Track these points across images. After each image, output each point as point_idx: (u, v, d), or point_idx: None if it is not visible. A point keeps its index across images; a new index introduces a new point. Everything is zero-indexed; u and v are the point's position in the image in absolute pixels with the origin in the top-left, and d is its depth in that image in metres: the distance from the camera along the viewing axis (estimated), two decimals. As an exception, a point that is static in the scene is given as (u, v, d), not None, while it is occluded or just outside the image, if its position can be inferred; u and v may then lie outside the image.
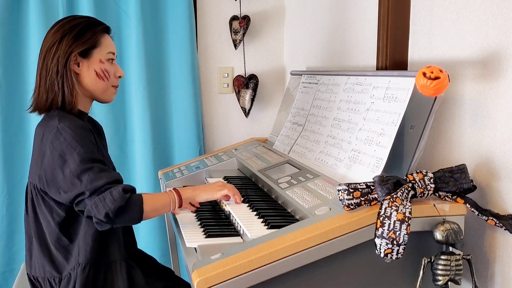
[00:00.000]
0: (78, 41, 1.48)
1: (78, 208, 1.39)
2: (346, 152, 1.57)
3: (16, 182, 2.43)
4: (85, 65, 1.50)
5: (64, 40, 1.47)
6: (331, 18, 2.15)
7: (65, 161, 1.37)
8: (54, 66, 1.46)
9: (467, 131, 1.36)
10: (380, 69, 1.61)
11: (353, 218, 1.22)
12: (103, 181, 1.36)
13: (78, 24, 1.50)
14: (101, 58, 1.52)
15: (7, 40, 2.37)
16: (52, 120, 1.43)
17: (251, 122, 2.71)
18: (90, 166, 1.37)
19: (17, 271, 1.98)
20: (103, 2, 2.44)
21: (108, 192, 1.34)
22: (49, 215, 1.44)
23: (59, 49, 1.47)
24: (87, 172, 1.36)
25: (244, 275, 1.14)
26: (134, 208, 1.37)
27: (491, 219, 1.22)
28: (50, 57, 1.47)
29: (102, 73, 1.52)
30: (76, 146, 1.38)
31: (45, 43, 1.50)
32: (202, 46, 2.64)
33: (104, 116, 2.48)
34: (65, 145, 1.38)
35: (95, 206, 1.34)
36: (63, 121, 1.41)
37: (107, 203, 1.33)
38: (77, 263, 1.43)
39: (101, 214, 1.33)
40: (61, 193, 1.38)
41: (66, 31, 1.48)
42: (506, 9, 1.22)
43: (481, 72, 1.31)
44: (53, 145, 1.39)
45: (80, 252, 1.43)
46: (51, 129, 1.41)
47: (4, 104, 2.39)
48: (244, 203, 1.63)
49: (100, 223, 1.36)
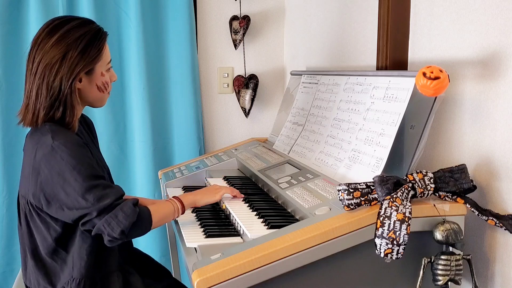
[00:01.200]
0: (84, 59, 1.39)
1: (84, 228, 1.36)
2: (346, 152, 1.57)
3: (16, 182, 2.42)
4: (87, 81, 1.44)
5: (68, 58, 1.37)
6: (331, 18, 2.15)
7: (65, 179, 1.32)
8: (57, 86, 1.38)
9: (467, 131, 1.36)
10: (380, 69, 1.61)
11: (353, 218, 1.22)
12: (110, 199, 1.33)
13: (82, 37, 1.40)
14: (102, 71, 1.46)
15: (7, 40, 2.37)
16: (44, 137, 1.36)
17: (251, 122, 2.71)
18: (94, 184, 1.33)
19: (17, 271, 1.98)
20: (103, 2, 2.44)
21: (119, 209, 1.33)
22: (45, 231, 1.41)
23: (62, 66, 1.37)
24: (92, 190, 1.32)
25: (244, 275, 1.14)
26: (145, 221, 1.38)
27: (491, 219, 1.22)
28: (52, 75, 1.37)
29: (103, 86, 1.48)
30: (75, 164, 1.32)
31: (43, 55, 1.38)
32: (202, 46, 2.64)
33: (104, 116, 2.48)
34: (63, 164, 1.32)
35: (107, 224, 1.31)
36: (57, 139, 1.35)
37: (121, 220, 1.31)
38: (71, 277, 1.40)
39: (116, 232, 1.31)
40: (65, 209, 1.34)
41: (70, 47, 1.38)
42: (506, 9, 1.22)
43: (481, 72, 1.31)
44: (50, 164, 1.33)
45: (74, 266, 1.40)
46: (44, 147, 1.35)
47: (4, 104, 2.39)
48: (244, 203, 1.63)
49: (113, 240, 1.34)
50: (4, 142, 2.40)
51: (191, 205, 1.57)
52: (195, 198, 1.58)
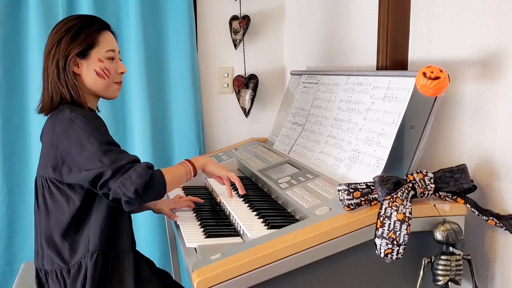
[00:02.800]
0: (74, 42, 1.49)
1: (102, 191, 1.41)
2: (346, 152, 1.57)
3: (16, 182, 2.43)
4: (84, 65, 1.51)
5: (62, 43, 1.49)
6: (331, 18, 2.15)
7: (83, 147, 1.39)
8: (54, 69, 1.49)
9: (467, 131, 1.36)
10: (380, 69, 1.61)
11: (353, 218, 1.22)
12: (124, 160, 1.39)
13: (74, 25, 1.51)
14: (100, 57, 1.52)
15: (7, 40, 2.37)
16: (62, 112, 1.46)
17: (251, 122, 2.71)
18: (109, 148, 1.40)
19: (17, 271, 1.98)
20: (103, 2, 2.44)
21: (132, 170, 1.38)
22: (65, 204, 1.46)
23: (57, 51, 1.49)
24: (107, 153, 1.39)
25: (244, 275, 1.14)
26: (158, 181, 1.44)
27: (491, 219, 1.22)
28: (50, 60, 1.49)
29: (102, 72, 1.53)
30: (92, 132, 1.40)
31: (47, 45, 1.52)
32: (202, 46, 2.64)
33: (104, 116, 2.46)
34: (80, 132, 1.40)
35: (122, 185, 1.36)
36: (74, 112, 1.44)
37: (134, 180, 1.36)
38: (87, 250, 1.45)
39: (130, 191, 1.36)
40: (82, 172, 1.40)
41: (63, 33, 1.49)
42: (506, 9, 1.22)
43: (481, 72, 1.31)
44: (68, 134, 1.41)
45: (90, 240, 1.46)
46: (62, 120, 1.43)
47: (4, 104, 2.39)
48: (244, 203, 1.63)
49: (129, 201, 1.38)
50: (4, 142, 2.40)
51: (201, 166, 1.63)
52: (206, 161, 1.65)
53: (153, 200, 1.49)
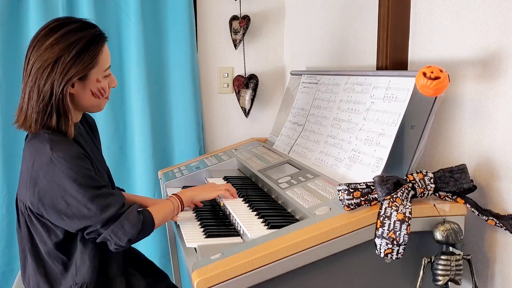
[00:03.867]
0: (76, 65, 1.34)
1: (89, 237, 1.37)
2: (346, 152, 1.57)
3: (16, 182, 2.40)
4: (80, 86, 1.39)
5: (60, 63, 1.33)
6: (331, 18, 2.15)
7: (66, 191, 1.31)
8: (47, 90, 1.34)
9: (467, 131, 1.36)
10: (380, 69, 1.61)
11: (353, 218, 1.22)
12: (113, 208, 1.34)
13: (76, 41, 1.35)
14: (98, 77, 1.41)
15: (7, 40, 2.37)
16: (43, 146, 1.34)
17: (251, 122, 2.71)
18: (96, 194, 1.33)
19: (17, 271, 1.98)
20: (103, 2, 2.44)
21: (124, 219, 1.35)
22: (45, 235, 1.40)
23: (54, 71, 1.33)
24: (94, 200, 1.32)
25: (244, 275, 1.14)
26: (148, 226, 1.42)
27: (491, 219, 1.22)
28: (43, 79, 1.33)
29: (98, 92, 1.42)
30: (75, 177, 1.31)
31: (36, 58, 1.34)
32: (202, 46, 2.63)
33: (104, 116, 2.48)
34: (62, 176, 1.31)
35: (113, 234, 1.34)
36: (56, 150, 1.32)
37: (128, 230, 1.35)
38: (74, 282, 1.40)
39: (123, 241, 1.35)
40: (65, 219, 1.34)
41: (63, 51, 1.33)
42: (506, 9, 1.22)
43: (481, 72, 1.31)
44: (48, 175, 1.32)
45: (77, 271, 1.41)
46: (42, 157, 1.33)
47: (4, 104, 2.39)
48: (244, 203, 1.63)
49: (119, 248, 1.37)
50: (4, 142, 2.40)
51: (189, 201, 1.62)
52: (193, 194, 1.63)
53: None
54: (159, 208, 1.49)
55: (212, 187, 1.70)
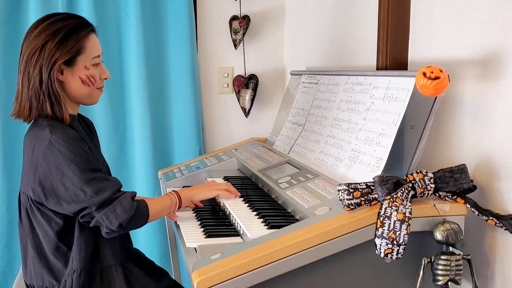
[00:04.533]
0: (61, 49, 1.39)
1: (83, 220, 1.39)
2: (346, 152, 1.57)
3: (16, 182, 2.43)
4: (69, 72, 1.43)
5: (46, 48, 1.38)
6: (331, 18, 2.15)
7: (63, 173, 1.34)
8: (36, 76, 1.39)
9: (467, 131, 1.36)
10: (380, 69, 1.61)
11: (353, 218, 1.22)
12: (108, 192, 1.36)
13: (61, 29, 1.40)
14: (86, 65, 1.45)
15: (7, 40, 2.37)
16: (43, 132, 1.38)
17: (251, 122, 2.71)
18: (92, 177, 1.36)
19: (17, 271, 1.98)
20: (103, 2, 2.44)
21: (117, 203, 1.36)
22: (46, 225, 1.42)
23: (41, 57, 1.38)
24: (90, 183, 1.35)
25: (244, 275, 1.14)
26: (142, 215, 1.42)
27: (491, 219, 1.22)
28: (32, 65, 1.39)
29: (88, 79, 1.46)
30: (72, 158, 1.34)
31: (26, 47, 1.41)
32: (202, 46, 2.64)
33: (104, 116, 2.48)
34: (60, 157, 1.34)
35: (106, 217, 1.35)
36: (55, 133, 1.36)
37: (119, 214, 1.36)
38: (71, 269, 1.42)
39: (114, 225, 1.36)
40: (63, 204, 1.36)
41: (48, 37, 1.39)
42: (506, 9, 1.22)
43: (481, 72, 1.31)
44: (47, 158, 1.35)
45: (74, 258, 1.42)
46: (42, 141, 1.36)
47: (4, 104, 2.39)
48: (244, 203, 1.63)
49: (110, 232, 1.38)
50: (4, 142, 2.40)
51: (188, 199, 1.62)
52: (192, 193, 1.63)
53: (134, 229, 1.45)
54: (156, 201, 1.52)
55: (212, 185, 1.70)
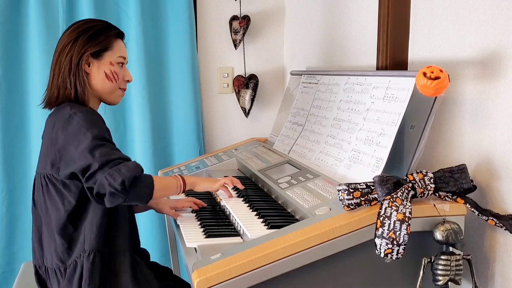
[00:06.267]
0: (92, 42, 1.53)
1: (88, 184, 1.39)
2: (346, 152, 1.57)
3: (16, 181, 2.43)
4: (95, 65, 1.55)
5: (79, 40, 1.52)
6: (331, 18, 2.15)
7: (79, 140, 1.40)
8: (67, 64, 1.51)
9: (467, 131, 1.36)
10: (380, 69, 1.61)
11: (353, 218, 1.22)
12: (115, 155, 1.39)
13: (94, 26, 1.56)
14: (112, 61, 1.57)
15: (7, 40, 2.37)
16: (63, 110, 1.48)
17: (251, 122, 2.71)
18: (103, 143, 1.40)
19: (17, 271, 1.98)
20: (103, 2, 2.44)
21: (122, 164, 1.37)
22: (60, 203, 1.47)
23: (73, 48, 1.52)
24: (100, 147, 1.39)
25: (244, 275, 1.14)
26: (147, 183, 1.41)
27: (491, 219, 1.22)
28: (64, 55, 1.52)
29: (111, 74, 1.56)
30: (89, 126, 1.41)
31: (61, 42, 1.55)
32: (202, 46, 2.64)
33: (104, 116, 2.47)
34: (78, 127, 1.41)
35: (109, 175, 1.34)
36: (74, 108, 1.46)
37: (123, 172, 1.34)
38: (83, 250, 1.45)
39: (117, 182, 1.32)
40: (71, 164, 1.40)
41: (81, 32, 1.53)
42: (506, 9, 1.22)
43: (481, 72, 1.31)
44: (65, 129, 1.43)
45: (85, 239, 1.46)
46: (62, 117, 1.45)
47: (4, 104, 2.39)
48: (244, 203, 1.63)
49: (114, 193, 1.34)
50: (4, 142, 2.39)
51: (192, 184, 1.61)
52: (196, 181, 1.63)
53: (137, 202, 1.43)
54: (161, 178, 1.54)
55: (216, 180, 1.70)
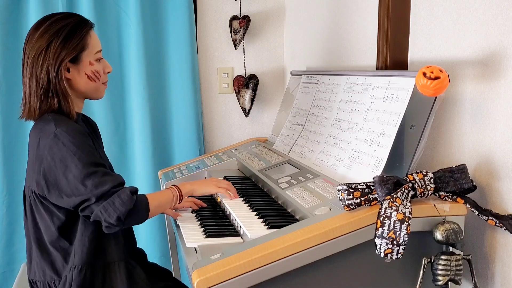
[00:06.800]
0: (66, 47, 1.43)
1: (83, 214, 1.39)
2: (346, 152, 1.57)
3: (16, 182, 2.43)
4: (75, 70, 1.47)
5: (51, 48, 1.42)
6: (331, 18, 2.15)
7: (66, 166, 1.36)
8: (44, 76, 1.42)
9: (467, 131, 1.36)
10: (380, 69, 1.61)
11: (353, 218, 1.22)
12: (108, 185, 1.36)
13: (63, 27, 1.44)
14: (91, 60, 1.49)
15: (7, 40, 2.37)
16: (48, 125, 1.40)
17: (251, 122, 2.71)
18: (93, 171, 1.36)
19: (17, 271, 1.98)
20: (103, 2, 2.44)
21: (116, 196, 1.36)
22: (49, 219, 1.43)
23: (47, 57, 1.42)
24: (91, 176, 1.35)
25: (244, 275, 1.14)
26: (142, 209, 1.41)
27: (491, 219, 1.22)
28: (39, 66, 1.42)
29: (93, 75, 1.50)
30: (76, 151, 1.36)
31: (30, 49, 1.44)
32: (202, 46, 2.64)
33: (104, 116, 2.48)
34: (65, 150, 1.36)
35: (104, 210, 1.35)
36: (60, 126, 1.39)
37: (117, 207, 1.35)
38: (72, 265, 1.43)
39: (112, 218, 1.34)
40: (64, 197, 1.37)
41: (52, 37, 1.43)
42: (506, 9, 1.22)
43: (481, 72, 1.31)
44: (52, 151, 1.37)
45: (76, 254, 1.43)
46: (47, 135, 1.38)
47: (4, 104, 2.39)
48: (244, 203, 1.63)
49: (110, 226, 1.37)
50: (4, 142, 2.40)
51: (188, 194, 1.60)
52: (193, 188, 1.61)
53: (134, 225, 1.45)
54: (156, 195, 1.51)
55: (213, 181, 1.69)
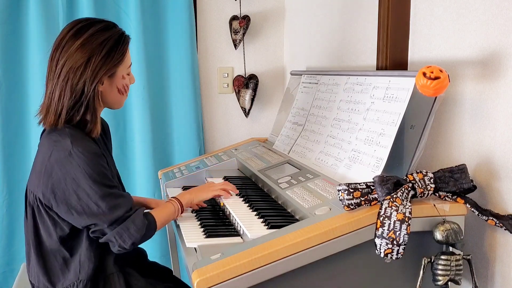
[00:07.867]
0: (107, 63, 1.42)
1: (93, 235, 1.40)
2: (346, 152, 1.57)
3: (16, 182, 2.43)
4: (108, 83, 1.46)
5: (92, 62, 1.39)
6: (331, 18, 2.15)
7: (79, 185, 1.35)
8: (80, 88, 1.39)
9: (467, 131, 1.36)
10: (380, 69, 1.61)
11: (353, 218, 1.22)
12: (122, 210, 1.38)
13: (106, 41, 1.41)
14: (124, 74, 1.49)
15: (7, 40, 2.37)
16: (64, 140, 1.37)
17: (251, 122, 2.71)
18: (108, 192, 1.37)
19: (17, 271, 1.98)
20: (103, 2, 2.44)
21: (130, 222, 1.38)
22: (52, 228, 1.43)
23: (86, 71, 1.39)
24: (105, 198, 1.36)
25: (244, 275, 1.14)
26: (151, 228, 1.46)
27: (491, 219, 1.22)
28: (77, 78, 1.39)
29: (123, 88, 1.51)
30: (91, 173, 1.35)
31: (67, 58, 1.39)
32: (202, 46, 2.64)
33: (104, 116, 2.47)
34: (79, 171, 1.35)
35: (119, 236, 1.37)
36: (76, 145, 1.36)
37: (133, 233, 1.38)
38: (77, 279, 1.43)
39: (127, 244, 1.38)
40: (74, 214, 1.37)
41: (94, 51, 1.40)
42: (506, 9, 1.22)
43: (481, 72, 1.31)
44: (64, 168, 1.35)
45: (81, 268, 1.43)
46: (62, 150, 1.36)
47: (4, 104, 2.39)
48: (244, 203, 1.63)
49: (122, 250, 1.40)
50: (4, 142, 2.39)
51: (188, 204, 1.63)
52: (191, 197, 1.64)
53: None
54: (161, 212, 1.53)
55: (210, 186, 1.70)
